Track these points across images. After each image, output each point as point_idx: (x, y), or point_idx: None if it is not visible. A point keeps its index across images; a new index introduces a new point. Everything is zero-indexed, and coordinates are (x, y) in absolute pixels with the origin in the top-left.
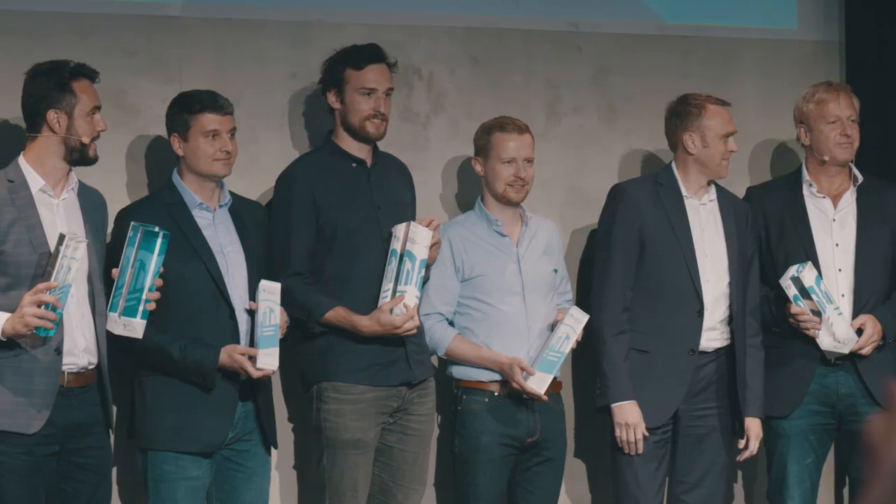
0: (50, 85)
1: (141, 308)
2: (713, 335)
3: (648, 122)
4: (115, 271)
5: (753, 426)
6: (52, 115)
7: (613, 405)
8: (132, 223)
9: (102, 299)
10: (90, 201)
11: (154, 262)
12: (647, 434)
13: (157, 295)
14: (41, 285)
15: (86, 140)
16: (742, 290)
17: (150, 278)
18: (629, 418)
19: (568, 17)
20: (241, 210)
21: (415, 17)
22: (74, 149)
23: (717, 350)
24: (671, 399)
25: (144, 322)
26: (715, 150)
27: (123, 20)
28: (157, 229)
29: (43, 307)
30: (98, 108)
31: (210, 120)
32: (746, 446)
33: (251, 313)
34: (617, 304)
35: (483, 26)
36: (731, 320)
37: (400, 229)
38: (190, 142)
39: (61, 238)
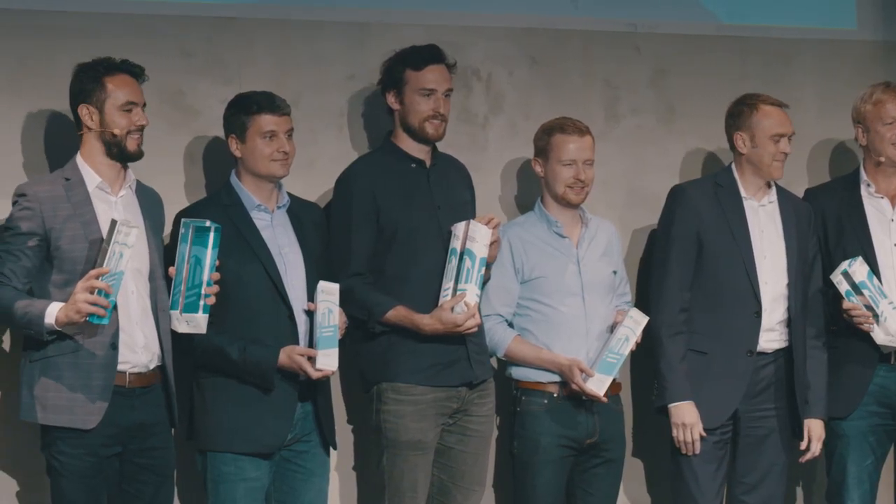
0: (84, 81)
1: (201, 303)
2: (772, 336)
3: (707, 123)
4: (171, 270)
5: (815, 427)
6: (83, 110)
7: (671, 405)
8: (183, 220)
9: (164, 296)
10: (148, 199)
11: (209, 256)
12: (704, 434)
13: (215, 289)
14: (93, 272)
15: (117, 132)
16: (801, 291)
17: (206, 273)
18: (686, 418)
19: (626, 18)
20: (299, 211)
21: (473, 18)
22: (110, 143)
23: (777, 351)
24: (729, 400)
25: (206, 316)
26: (764, 150)
27: (183, 21)
28: (207, 223)
29: (95, 293)
30: (134, 103)
31: (267, 121)
32: (808, 448)
33: (310, 314)
34: (674, 305)
35: (542, 27)
36: (789, 322)
37: (459, 228)
38: (247, 143)
39: (113, 224)
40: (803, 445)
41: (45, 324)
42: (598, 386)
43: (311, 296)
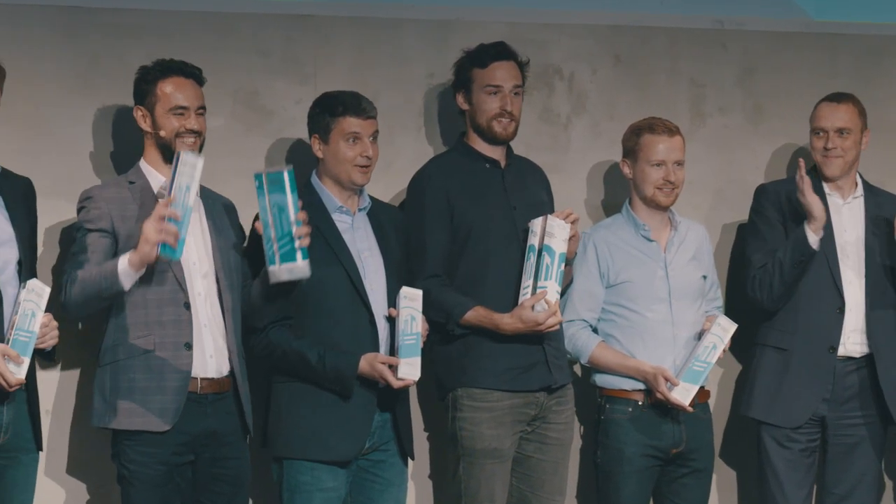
0: (140, 83)
1: (297, 249)
2: (858, 338)
3: (795, 122)
4: (258, 225)
5: None
6: (137, 112)
7: None
8: (254, 173)
9: (230, 296)
10: (214, 203)
11: (290, 199)
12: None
13: (306, 229)
14: (160, 203)
15: (164, 135)
16: (882, 291)
17: (291, 217)
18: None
19: (713, 14)
20: (380, 214)
21: (556, 15)
22: (162, 146)
23: (865, 356)
24: (810, 399)
25: (307, 261)
26: (815, 147)
27: (259, 19)
28: (278, 168)
29: (164, 221)
30: (185, 107)
31: (352, 123)
32: None
33: (391, 320)
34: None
35: (626, 24)
36: (868, 323)
37: (537, 224)
38: (330, 144)
39: (177, 156)
40: None
41: (118, 271)
42: (683, 395)
43: (391, 301)
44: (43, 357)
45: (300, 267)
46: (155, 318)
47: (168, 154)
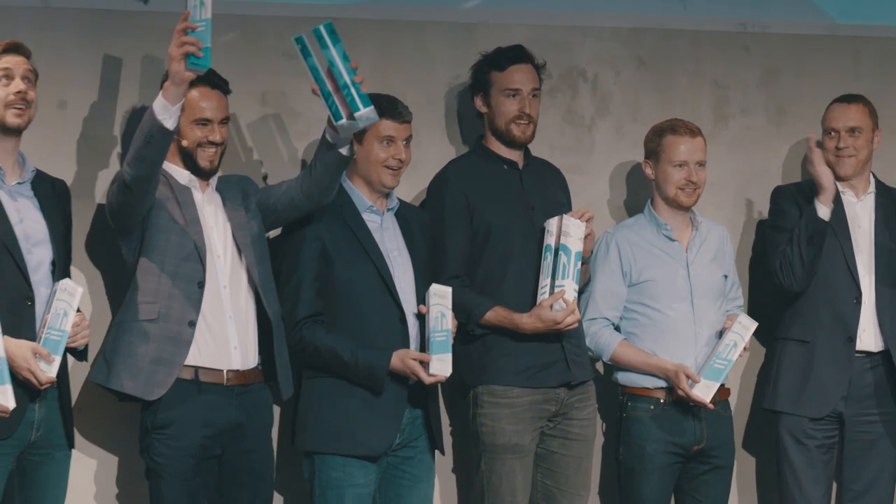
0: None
1: (358, 97)
2: (871, 331)
3: (818, 124)
4: (314, 87)
5: None
6: None
7: None
8: (294, 37)
9: (261, 268)
10: (229, 187)
11: (335, 53)
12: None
13: (361, 77)
14: (183, 16)
15: (185, 144)
16: (890, 286)
17: (343, 69)
18: None
19: (736, 17)
20: (407, 214)
21: (580, 18)
22: (184, 153)
23: (883, 353)
24: (833, 390)
25: (371, 106)
26: (828, 147)
27: (286, 22)
28: (316, 27)
29: (185, 35)
30: (208, 119)
31: (387, 126)
32: None
33: (420, 317)
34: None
35: (649, 27)
36: (880, 317)
37: (552, 223)
38: (364, 145)
39: None
40: None
41: (154, 110)
42: (704, 392)
43: (420, 299)
44: (75, 356)
45: (368, 114)
46: (166, 289)
47: (189, 161)
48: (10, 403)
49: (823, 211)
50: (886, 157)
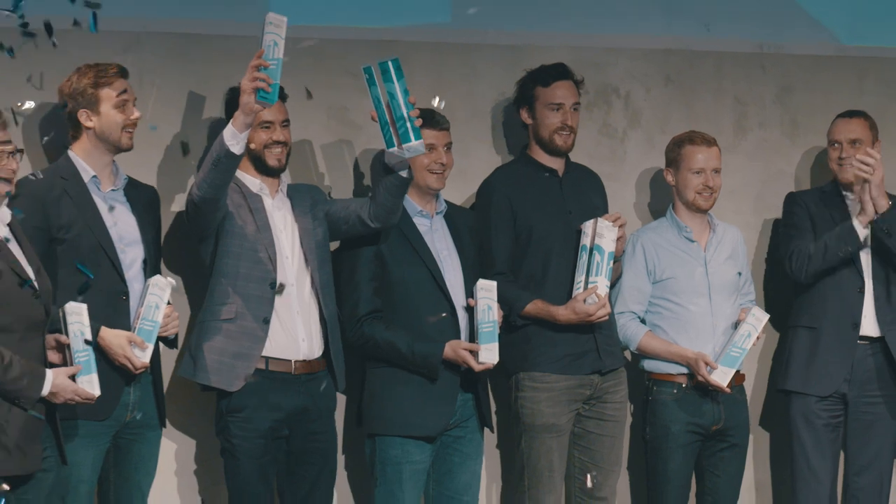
0: (230, 102)
1: (411, 130)
2: (871, 318)
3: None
4: (373, 113)
5: None
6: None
7: None
8: (363, 67)
9: (322, 272)
10: (301, 196)
11: (398, 87)
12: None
13: (417, 111)
14: (256, 55)
15: (254, 147)
16: (882, 280)
17: (402, 102)
18: None
19: (754, 39)
20: (455, 216)
21: (614, 40)
22: (253, 157)
23: (879, 339)
24: (838, 370)
25: (420, 140)
26: (832, 157)
27: (350, 45)
28: (384, 61)
29: (257, 71)
30: (271, 122)
31: (427, 135)
32: None
33: (469, 310)
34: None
35: (676, 48)
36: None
37: (588, 226)
38: None
39: (265, 18)
40: None
41: (223, 136)
42: (721, 378)
43: (468, 293)
44: (166, 344)
45: (415, 146)
46: (241, 290)
47: (259, 164)
48: (96, 392)
49: (862, 232)
50: (890, 166)
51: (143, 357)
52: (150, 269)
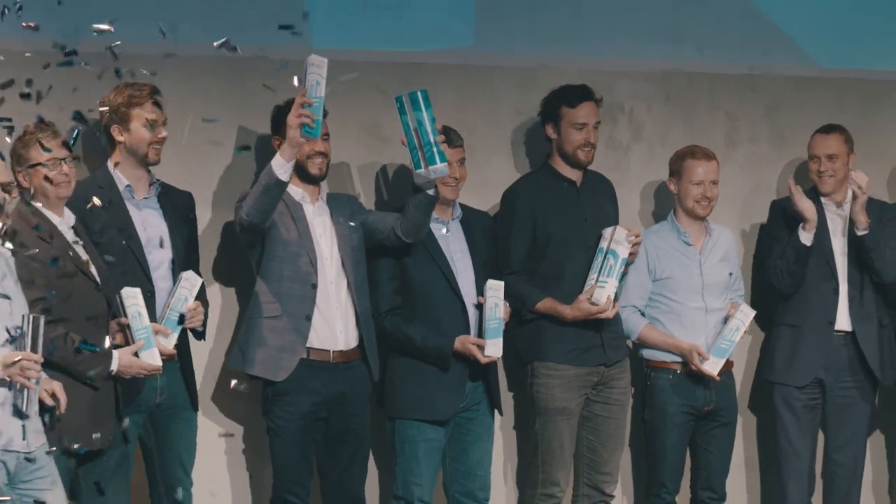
0: (275, 118)
1: (437, 154)
2: (844, 314)
3: None
4: (402, 139)
5: None
6: (274, 141)
7: None
8: (395, 97)
9: (356, 273)
10: (341, 205)
11: (426, 115)
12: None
13: (443, 137)
14: (297, 97)
15: (298, 156)
16: (854, 279)
17: (429, 129)
18: None
19: (744, 63)
20: (471, 220)
21: (620, 63)
22: (298, 166)
23: (851, 333)
24: (815, 363)
25: (445, 163)
26: (811, 170)
27: (381, 66)
28: (415, 92)
29: (302, 108)
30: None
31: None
32: None
33: (479, 307)
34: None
35: (675, 70)
36: (850, 303)
37: (608, 231)
38: None
39: (307, 60)
40: None
41: (273, 165)
42: (712, 367)
43: (479, 292)
44: (195, 335)
45: (440, 168)
46: (286, 291)
47: (302, 172)
48: (158, 363)
49: (807, 238)
50: (868, 175)
51: (167, 344)
52: (179, 268)
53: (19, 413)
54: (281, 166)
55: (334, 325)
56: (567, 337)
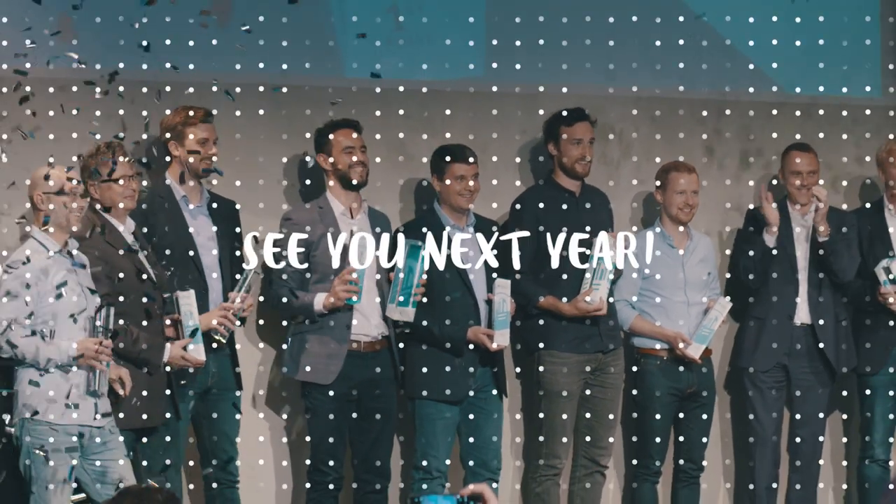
0: (318, 137)
1: (412, 301)
2: (804, 309)
3: (777, 165)
4: (391, 276)
5: None
6: (319, 157)
7: None
8: (404, 239)
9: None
10: (378, 220)
11: (419, 268)
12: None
13: (422, 290)
14: (346, 270)
15: (341, 167)
16: (813, 279)
17: (416, 279)
18: None
19: (719, 89)
20: (483, 228)
21: (611, 90)
22: (340, 176)
23: (811, 325)
24: (776, 351)
25: (414, 310)
26: (790, 185)
27: (400, 94)
28: (419, 243)
29: (349, 284)
30: (352, 146)
31: (459, 168)
32: None
33: (488, 302)
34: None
35: (659, 96)
36: (808, 300)
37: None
38: (444, 181)
39: (351, 233)
40: None
41: (315, 311)
42: (694, 351)
43: (489, 288)
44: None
45: (408, 312)
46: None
47: (346, 182)
48: (202, 357)
49: (770, 240)
50: (827, 186)
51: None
52: (227, 268)
53: (93, 392)
54: (322, 310)
55: (369, 321)
56: (569, 328)
